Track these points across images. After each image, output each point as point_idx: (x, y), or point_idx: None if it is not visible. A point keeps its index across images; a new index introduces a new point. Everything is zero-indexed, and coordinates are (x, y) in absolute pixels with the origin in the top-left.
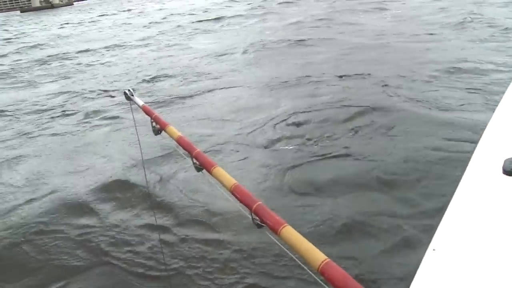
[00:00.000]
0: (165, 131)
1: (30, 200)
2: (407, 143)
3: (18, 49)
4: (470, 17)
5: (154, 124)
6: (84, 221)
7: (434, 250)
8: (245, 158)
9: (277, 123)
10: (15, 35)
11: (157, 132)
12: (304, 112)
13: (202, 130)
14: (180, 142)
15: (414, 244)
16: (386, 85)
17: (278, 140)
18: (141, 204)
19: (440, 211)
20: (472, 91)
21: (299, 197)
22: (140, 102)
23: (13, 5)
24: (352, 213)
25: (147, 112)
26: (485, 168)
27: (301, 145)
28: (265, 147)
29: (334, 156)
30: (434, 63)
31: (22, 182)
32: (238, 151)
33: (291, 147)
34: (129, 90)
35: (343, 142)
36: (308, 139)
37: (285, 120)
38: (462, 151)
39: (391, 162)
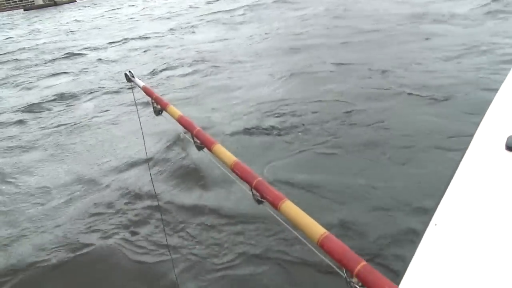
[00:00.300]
0: (166, 111)
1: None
2: (408, 124)
3: (24, 47)
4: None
5: (155, 104)
6: (88, 202)
7: (435, 225)
8: (238, 145)
9: (275, 111)
10: (20, 34)
11: (158, 112)
12: (303, 101)
13: (200, 116)
14: (181, 121)
15: (416, 219)
16: (386, 72)
17: (273, 127)
18: (143, 185)
19: (442, 187)
20: (476, 72)
21: (295, 179)
22: (141, 83)
23: (16, 4)
24: (350, 189)
25: (148, 93)
26: (488, 144)
27: (296, 132)
28: (259, 134)
29: (331, 141)
30: (438, 48)
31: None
32: (230, 138)
33: (286, 134)
34: (129, 72)
35: (340, 127)
36: (303, 127)
37: (283, 108)
38: (465, 131)
39: (391, 139)
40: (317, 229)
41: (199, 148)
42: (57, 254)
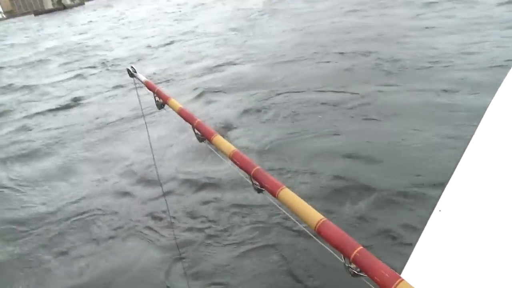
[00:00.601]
0: (167, 104)
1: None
2: (412, 113)
3: (37, 50)
4: None
5: (157, 98)
6: (98, 194)
7: (440, 211)
8: (240, 130)
9: (279, 98)
10: (33, 37)
11: (160, 106)
12: (302, 91)
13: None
14: (181, 114)
15: (419, 205)
16: (385, 64)
17: (273, 115)
18: (149, 176)
19: (447, 173)
20: (484, 62)
21: (295, 166)
22: (143, 78)
23: (27, 9)
24: (354, 176)
25: (150, 87)
26: (495, 129)
27: (299, 118)
28: (259, 121)
29: (330, 130)
30: (445, 36)
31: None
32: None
33: (286, 122)
34: (132, 67)
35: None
36: (305, 113)
37: (286, 95)
38: (471, 119)
39: (392, 127)
40: (315, 216)
41: (200, 139)
42: (70, 249)
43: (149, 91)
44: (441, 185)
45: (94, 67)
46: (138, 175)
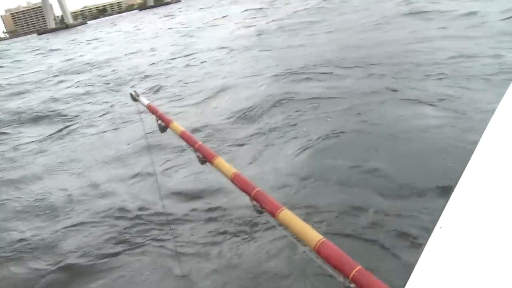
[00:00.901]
0: (169, 127)
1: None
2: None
3: (42, 68)
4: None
5: (159, 122)
6: (103, 207)
7: (441, 228)
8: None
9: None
10: (39, 56)
11: (163, 129)
12: (309, 99)
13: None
14: (183, 136)
15: (420, 222)
16: (390, 75)
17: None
18: (151, 194)
19: (447, 190)
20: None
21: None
22: (145, 101)
23: (30, 29)
24: (355, 183)
25: (152, 111)
26: (498, 144)
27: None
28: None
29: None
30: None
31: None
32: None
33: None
34: (134, 91)
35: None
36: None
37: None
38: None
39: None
40: (314, 236)
41: (202, 162)
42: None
43: (152, 114)
44: (443, 199)
45: (97, 86)
46: (141, 195)
